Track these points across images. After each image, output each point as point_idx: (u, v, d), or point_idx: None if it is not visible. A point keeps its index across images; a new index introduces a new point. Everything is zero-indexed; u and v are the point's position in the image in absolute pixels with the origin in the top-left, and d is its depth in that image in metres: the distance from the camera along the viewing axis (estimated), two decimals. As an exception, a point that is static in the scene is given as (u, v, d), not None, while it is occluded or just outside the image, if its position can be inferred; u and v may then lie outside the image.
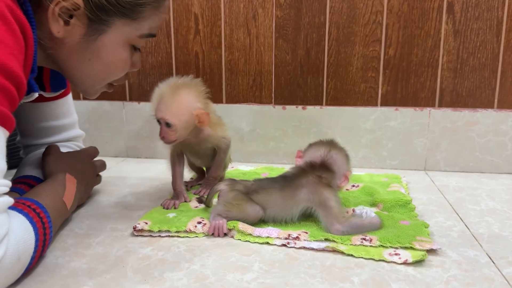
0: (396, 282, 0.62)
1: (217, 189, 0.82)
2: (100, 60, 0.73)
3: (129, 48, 0.75)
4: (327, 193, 0.78)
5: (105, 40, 0.71)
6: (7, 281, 0.58)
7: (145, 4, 0.71)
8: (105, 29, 0.70)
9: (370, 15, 1.17)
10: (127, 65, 0.77)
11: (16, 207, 0.62)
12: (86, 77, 0.76)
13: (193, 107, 0.85)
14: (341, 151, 0.85)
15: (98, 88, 0.80)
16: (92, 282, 0.62)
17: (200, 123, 0.85)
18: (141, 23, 0.73)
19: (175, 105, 0.84)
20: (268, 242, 0.74)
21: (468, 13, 1.13)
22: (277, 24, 1.22)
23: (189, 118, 0.85)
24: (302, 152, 0.88)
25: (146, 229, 0.77)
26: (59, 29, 0.66)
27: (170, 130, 0.84)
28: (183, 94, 0.85)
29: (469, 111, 1.17)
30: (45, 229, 0.64)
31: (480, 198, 0.98)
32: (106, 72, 0.75)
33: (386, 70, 1.19)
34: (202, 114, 0.85)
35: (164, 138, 0.85)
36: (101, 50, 0.71)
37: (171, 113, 0.83)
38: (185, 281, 0.62)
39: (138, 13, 0.71)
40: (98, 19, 0.68)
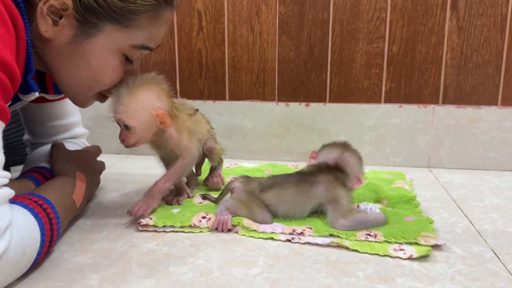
0: (401, 277, 0.62)
1: (231, 187, 0.82)
2: (88, 66, 0.69)
3: (120, 56, 0.71)
4: (341, 191, 0.78)
5: (93, 44, 0.68)
6: (13, 275, 0.58)
7: (139, 12, 0.67)
8: (94, 32, 0.67)
9: (374, 12, 1.17)
10: (116, 74, 0.72)
11: (21, 202, 0.62)
12: (74, 84, 0.73)
13: (153, 107, 0.77)
14: (354, 154, 0.85)
15: (87, 97, 0.76)
16: (97, 276, 0.62)
17: (161, 124, 0.78)
18: (135, 32, 0.69)
19: (133, 106, 0.76)
20: (272, 238, 0.74)
21: (472, 9, 1.13)
22: (281, 20, 1.22)
23: (149, 119, 0.77)
24: (315, 153, 0.87)
25: (151, 224, 0.77)
26: (47, 29, 0.65)
27: (129, 133, 0.78)
28: (141, 93, 0.77)
29: (473, 108, 1.17)
30: (52, 224, 0.64)
31: (484, 194, 0.98)
32: (94, 79, 0.72)
33: (389, 67, 1.19)
34: (163, 115, 0.77)
35: (124, 141, 0.79)
36: (89, 54, 0.68)
37: (129, 115, 0.76)
38: (190, 275, 0.62)
39: (131, 21, 0.68)
40: (87, 21, 0.65)
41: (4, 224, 0.54)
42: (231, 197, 0.80)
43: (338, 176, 0.80)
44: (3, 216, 0.54)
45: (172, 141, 0.82)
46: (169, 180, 0.84)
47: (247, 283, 0.60)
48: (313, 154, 0.87)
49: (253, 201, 0.78)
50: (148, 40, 0.71)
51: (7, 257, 0.54)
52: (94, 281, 0.61)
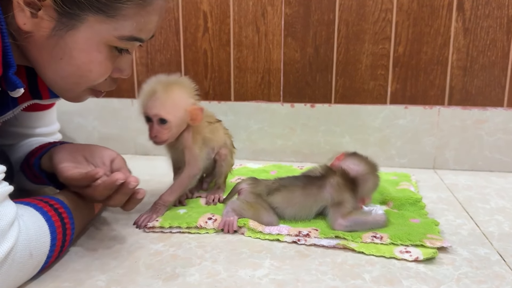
0: (407, 279, 0.62)
1: (238, 188, 0.82)
2: (72, 61, 0.64)
3: (106, 49, 0.65)
4: (347, 196, 0.78)
5: (76, 37, 0.62)
6: (20, 277, 0.57)
7: (125, 0, 0.61)
8: (76, 24, 0.61)
9: (380, 13, 1.17)
10: (104, 69, 0.67)
11: (35, 204, 0.62)
12: (59, 79, 0.67)
13: (187, 103, 0.81)
14: (376, 179, 0.85)
15: (77, 92, 0.71)
16: (104, 277, 0.62)
17: (192, 120, 0.82)
18: (121, 23, 0.63)
19: (170, 101, 0.79)
20: (278, 239, 0.74)
21: (478, 11, 1.13)
22: (286, 21, 1.22)
23: (183, 115, 0.81)
24: (344, 156, 0.86)
25: (157, 226, 0.78)
26: (25, 21, 0.59)
27: (163, 128, 0.80)
28: (176, 89, 0.81)
29: (479, 109, 1.17)
30: (65, 229, 0.64)
31: (489, 196, 0.98)
32: (79, 75, 0.66)
33: (395, 68, 1.19)
34: (196, 110, 0.81)
35: (156, 137, 0.80)
36: (72, 48, 0.63)
37: (166, 110, 0.79)
38: (197, 276, 0.62)
39: (116, 10, 0.62)
40: (68, 12, 0.60)
41: (6, 224, 0.53)
42: (238, 199, 0.81)
43: (348, 183, 0.80)
44: (3, 216, 0.53)
45: (186, 144, 0.84)
46: (174, 192, 0.84)
47: (254, 285, 0.60)
48: (342, 156, 0.86)
49: (260, 203, 0.79)
50: (137, 31, 0.65)
51: (14, 258, 0.54)
52: (102, 281, 0.61)
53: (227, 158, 0.92)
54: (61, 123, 1.35)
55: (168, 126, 0.79)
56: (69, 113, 1.35)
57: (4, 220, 0.53)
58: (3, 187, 0.56)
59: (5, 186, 0.56)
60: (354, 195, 0.79)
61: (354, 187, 0.81)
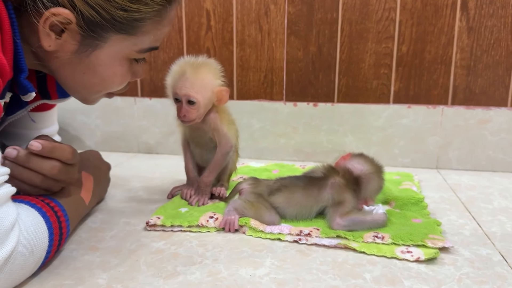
0: (408, 279, 0.62)
1: (239, 188, 0.82)
2: (96, 74, 0.68)
3: (127, 63, 0.70)
4: (348, 196, 0.78)
5: (100, 55, 0.66)
6: (22, 274, 0.58)
7: (145, 19, 0.65)
8: (99, 44, 0.65)
9: (383, 12, 1.16)
10: (125, 79, 0.72)
11: (29, 201, 0.63)
12: (81, 88, 0.71)
13: (214, 84, 0.84)
14: (381, 180, 0.84)
15: (96, 97, 0.75)
16: (106, 275, 0.62)
17: (218, 101, 0.85)
18: (140, 38, 0.67)
19: (199, 82, 0.82)
20: (279, 238, 0.74)
21: (482, 10, 1.12)
22: (289, 20, 1.21)
23: (211, 95, 0.84)
24: (351, 155, 0.86)
25: (159, 224, 0.78)
26: (50, 43, 0.62)
27: (192, 108, 0.82)
28: (204, 71, 0.83)
29: (482, 109, 1.16)
30: (60, 223, 0.65)
31: (492, 196, 0.97)
32: (102, 85, 0.70)
33: (398, 67, 1.19)
34: (222, 91, 0.84)
35: (185, 116, 0.83)
36: (96, 64, 0.66)
37: (195, 90, 0.82)
38: (198, 275, 0.62)
39: (137, 28, 0.65)
40: (92, 34, 0.63)
41: (9, 224, 0.54)
42: (240, 198, 0.81)
43: (350, 184, 0.80)
44: (7, 216, 0.54)
45: (214, 125, 0.87)
46: (212, 171, 0.89)
47: (255, 284, 0.60)
48: (348, 155, 0.86)
49: (261, 203, 0.79)
50: (154, 42, 0.70)
51: (16, 256, 0.55)
52: (103, 279, 0.61)
53: (233, 156, 0.93)
54: (65, 121, 1.36)
55: (196, 106, 0.82)
56: (72, 111, 1.36)
57: (7, 221, 0.54)
58: (5, 188, 0.56)
59: (8, 187, 0.57)
60: (356, 195, 0.79)
61: (356, 187, 0.80)
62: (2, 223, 0.53)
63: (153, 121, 1.34)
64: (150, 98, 1.33)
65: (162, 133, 1.34)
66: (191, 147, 0.93)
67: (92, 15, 0.61)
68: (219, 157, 0.89)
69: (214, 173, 0.90)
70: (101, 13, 0.61)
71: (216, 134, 0.88)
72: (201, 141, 0.91)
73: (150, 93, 1.33)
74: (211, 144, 0.91)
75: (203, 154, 0.93)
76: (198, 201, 0.87)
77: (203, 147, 0.92)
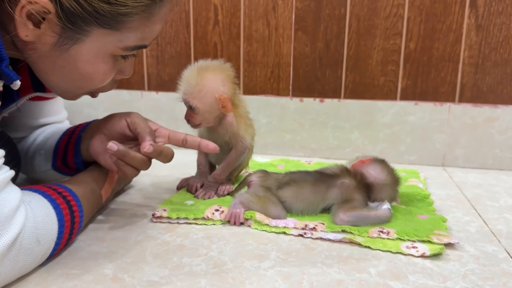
0: (413, 274, 0.62)
1: (248, 181, 0.82)
2: (76, 70, 0.63)
3: (111, 60, 0.64)
4: (357, 196, 0.78)
5: (81, 50, 0.61)
6: (28, 264, 0.58)
7: (131, 14, 0.59)
8: (81, 38, 0.60)
9: (392, 8, 1.16)
10: (107, 77, 0.66)
11: (43, 191, 0.63)
12: (61, 83, 0.67)
13: (217, 91, 0.82)
14: (393, 193, 0.83)
15: (75, 94, 0.71)
16: (112, 265, 0.63)
17: (222, 108, 0.83)
18: (125, 34, 0.61)
19: (198, 88, 0.81)
20: (285, 232, 0.74)
21: (491, 7, 1.11)
22: (297, 15, 1.21)
23: (212, 102, 0.82)
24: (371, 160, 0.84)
25: (165, 216, 0.78)
26: (27, 33, 0.57)
27: (193, 113, 0.83)
28: (208, 76, 0.82)
29: (490, 107, 1.15)
30: (74, 217, 0.65)
31: (498, 194, 0.97)
32: (82, 82, 0.65)
33: (406, 64, 1.18)
34: (224, 99, 0.82)
35: (189, 121, 0.84)
36: (76, 59, 0.61)
37: (194, 96, 0.81)
38: (203, 266, 0.63)
39: (122, 23, 0.60)
40: (72, 26, 0.58)
41: (9, 210, 0.53)
42: (247, 192, 0.81)
43: (361, 187, 0.79)
44: (6, 202, 0.53)
45: (230, 129, 0.86)
46: (225, 170, 0.90)
47: (260, 276, 0.60)
48: (368, 161, 0.84)
49: (268, 197, 0.78)
50: (141, 40, 0.64)
51: (22, 244, 0.55)
52: (110, 269, 0.62)
53: (247, 154, 0.92)
54: (71, 113, 1.36)
55: (196, 112, 0.83)
56: (79, 104, 1.36)
57: (8, 206, 0.53)
58: (3, 172, 0.55)
59: (6, 171, 0.56)
60: (364, 199, 0.79)
61: (367, 193, 0.80)
62: (1, 209, 0.52)
63: (159, 115, 1.34)
64: (157, 92, 1.34)
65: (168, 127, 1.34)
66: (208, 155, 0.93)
67: (72, 6, 0.56)
68: (233, 158, 0.89)
69: (226, 172, 0.90)
70: (83, 5, 0.57)
71: (233, 137, 0.87)
72: (216, 143, 0.86)
73: (157, 87, 1.34)
74: (226, 147, 0.89)
75: (217, 154, 0.89)
76: (204, 195, 0.88)
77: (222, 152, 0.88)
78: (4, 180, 0.55)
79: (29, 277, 0.59)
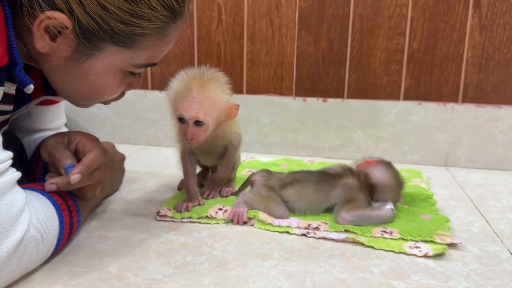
0: (416, 273, 0.62)
1: (251, 180, 0.83)
2: (87, 83, 0.65)
3: (121, 75, 0.66)
4: (360, 196, 0.78)
5: (93, 65, 0.63)
6: (33, 261, 0.59)
7: (145, 34, 0.61)
8: (94, 53, 0.61)
9: (395, 8, 1.16)
10: (117, 91, 0.69)
11: (40, 189, 0.64)
12: (72, 93, 0.69)
13: (223, 102, 0.77)
14: (397, 196, 0.83)
15: (86, 103, 0.73)
16: (116, 263, 0.63)
17: (227, 116, 0.79)
18: (138, 53, 0.63)
19: (207, 102, 0.75)
20: (288, 231, 0.74)
21: (495, 7, 1.11)
22: (300, 15, 1.21)
23: (219, 114, 0.78)
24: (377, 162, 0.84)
25: (169, 215, 0.79)
26: (44, 45, 0.59)
27: (199, 130, 0.76)
28: (211, 88, 0.76)
29: (493, 107, 1.15)
30: (71, 212, 0.66)
31: (501, 195, 0.97)
32: (92, 94, 0.68)
33: (409, 64, 1.18)
34: (232, 107, 0.79)
35: (193, 140, 0.76)
36: (88, 72, 0.63)
37: (204, 111, 0.75)
38: (207, 265, 0.63)
39: (136, 43, 0.62)
40: (87, 43, 0.60)
41: (17, 209, 0.55)
42: (250, 191, 0.81)
43: (364, 187, 0.79)
44: (14, 202, 0.55)
45: (224, 135, 0.83)
46: (228, 167, 0.88)
47: (263, 275, 0.61)
48: (374, 162, 0.84)
49: (272, 197, 0.79)
50: (152, 58, 0.66)
51: (27, 242, 0.56)
52: (114, 268, 0.62)
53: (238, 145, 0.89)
54: (75, 112, 1.37)
55: (205, 127, 0.76)
56: (83, 102, 1.37)
57: (16, 206, 0.55)
58: (11, 173, 0.56)
59: (13, 172, 0.57)
60: (367, 199, 0.79)
61: (370, 193, 0.80)
62: (10, 209, 0.54)
63: (162, 114, 1.35)
64: (160, 91, 1.34)
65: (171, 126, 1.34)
66: (196, 155, 0.87)
67: (90, 24, 0.58)
68: (232, 153, 0.86)
69: (229, 168, 0.88)
70: (100, 24, 0.58)
71: (228, 141, 0.85)
72: (211, 151, 0.86)
73: (160, 86, 1.34)
74: (220, 150, 0.87)
75: (211, 159, 0.89)
76: (209, 195, 0.87)
77: (212, 154, 0.87)
78: (12, 181, 0.56)
79: (34, 274, 0.60)
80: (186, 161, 0.85)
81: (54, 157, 0.69)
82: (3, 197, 0.54)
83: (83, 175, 0.65)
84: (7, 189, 0.55)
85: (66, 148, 0.71)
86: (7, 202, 0.54)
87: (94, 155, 0.68)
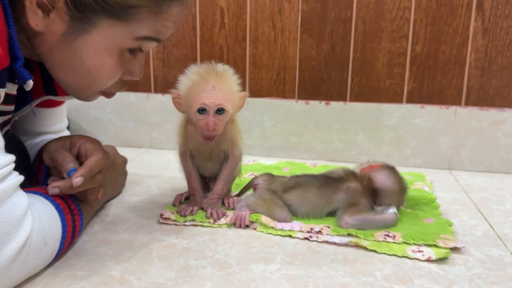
0: (419, 278, 0.62)
1: (253, 183, 0.83)
2: (83, 64, 0.64)
3: (117, 54, 0.64)
4: (363, 201, 0.78)
5: (88, 41, 0.61)
6: (37, 265, 0.59)
7: (139, 6, 0.61)
8: (88, 28, 0.60)
9: (398, 11, 1.16)
10: (114, 73, 0.66)
11: (43, 193, 0.64)
12: (70, 80, 0.67)
13: (237, 91, 0.79)
14: (400, 201, 0.83)
15: (88, 94, 0.71)
16: (119, 267, 0.63)
17: (241, 107, 0.82)
18: (135, 25, 0.62)
19: (226, 90, 0.76)
20: (290, 235, 0.74)
21: (498, 10, 1.11)
22: (303, 18, 1.21)
23: (236, 103, 0.80)
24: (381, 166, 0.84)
25: (172, 219, 0.79)
26: (37, 22, 0.59)
27: (219, 119, 0.76)
28: (227, 78, 0.78)
29: (496, 110, 1.15)
30: (74, 215, 0.66)
31: (505, 198, 0.97)
32: (89, 78, 0.66)
33: (412, 67, 1.18)
34: (244, 97, 0.81)
35: (215, 130, 0.76)
36: (83, 51, 0.62)
37: (226, 98, 0.76)
38: (210, 269, 0.63)
39: (130, 15, 0.61)
40: (80, 16, 0.59)
41: (20, 213, 0.55)
42: (253, 195, 0.81)
43: (367, 191, 0.79)
44: (17, 206, 0.55)
45: (229, 136, 0.82)
46: (226, 182, 0.84)
47: (265, 279, 0.61)
48: (378, 166, 0.83)
49: (274, 200, 0.79)
50: (154, 32, 0.64)
51: (30, 246, 0.56)
52: (116, 271, 0.62)
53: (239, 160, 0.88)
54: (78, 115, 1.37)
55: (225, 115, 0.77)
56: (86, 106, 1.37)
57: (18, 210, 0.55)
58: (14, 177, 0.56)
59: (16, 176, 0.57)
60: (370, 203, 0.79)
61: (373, 197, 0.80)
62: (13, 213, 0.54)
63: (165, 117, 1.35)
64: (163, 94, 1.34)
65: (174, 129, 1.35)
66: (196, 159, 0.86)
67: None
68: (233, 167, 0.84)
69: (227, 184, 0.85)
70: None
71: (230, 144, 0.83)
72: (212, 153, 0.85)
73: (163, 89, 1.34)
74: (221, 155, 0.85)
75: (210, 166, 0.86)
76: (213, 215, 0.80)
77: (212, 159, 0.85)
78: (15, 184, 0.56)
79: (37, 278, 0.60)
80: (188, 163, 0.85)
81: (56, 161, 0.69)
82: (6, 201, 0.54)
83: (85, 178, 0.65)
84: (10, 193, 0.55)
85: (68, 152, 0.71)
86: (10, 206, 0.54)
87: (96, 158, 0.68)
